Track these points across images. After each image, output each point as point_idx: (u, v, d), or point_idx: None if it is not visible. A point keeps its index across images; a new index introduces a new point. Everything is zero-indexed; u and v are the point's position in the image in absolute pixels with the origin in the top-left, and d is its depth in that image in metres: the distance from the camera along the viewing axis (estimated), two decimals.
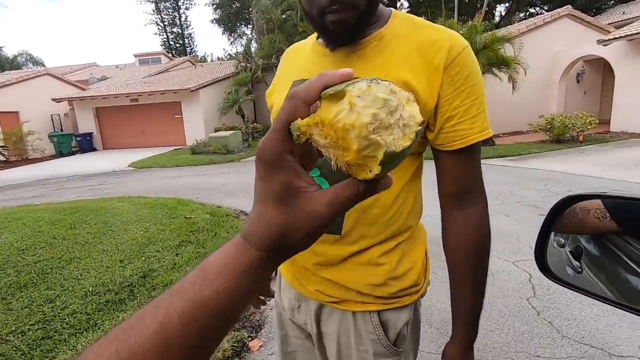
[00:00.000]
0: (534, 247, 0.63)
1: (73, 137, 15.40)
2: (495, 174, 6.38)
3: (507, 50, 8.92)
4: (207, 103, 14.95)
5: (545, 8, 20.24)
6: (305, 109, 0.26)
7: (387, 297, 0.73)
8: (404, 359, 0.78)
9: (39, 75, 16.30)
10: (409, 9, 22.54)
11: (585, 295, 0.59)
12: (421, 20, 0.70)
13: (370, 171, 0.24)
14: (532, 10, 23.10)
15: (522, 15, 23.41)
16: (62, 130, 16.21)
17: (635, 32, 9.18)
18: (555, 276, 0.60)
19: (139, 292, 2.61)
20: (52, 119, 16.19)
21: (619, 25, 12.20)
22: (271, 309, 2.53)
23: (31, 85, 15.42)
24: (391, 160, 0.24)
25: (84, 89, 17.35)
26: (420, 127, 0.25)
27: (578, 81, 12.25)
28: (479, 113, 0.65)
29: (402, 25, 0.68)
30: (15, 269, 2.80)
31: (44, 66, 32.33)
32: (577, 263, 0.68)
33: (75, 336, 2.11)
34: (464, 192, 0.69)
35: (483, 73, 8.62)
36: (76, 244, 3.36)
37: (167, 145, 14.78)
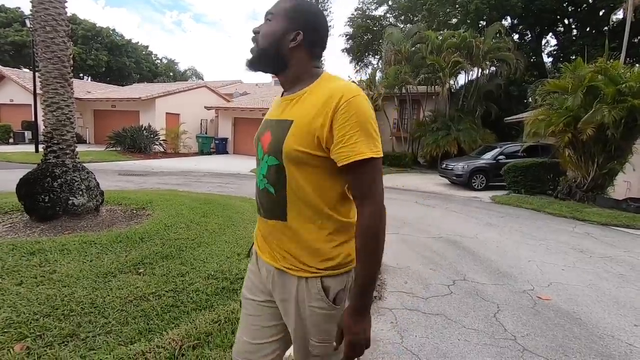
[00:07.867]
0: None
1: (213, 139, 18.38)
2: None
3: None
4: None
5: None
6: None
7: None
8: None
9: (199, 87, 20.05)
10: (556, 47, 20.18)
11: None
12: (335, 77, 1.03)
13: None
14: None
15: None
16: (206, 133, 19.42)
17: None
18: None
19: None
20: (200, 123, 19.57)
21: None
22: None
23: (192, 94, 18.91)
24: None
25: (228, 101, 20.44)
26: None
27: None
28: (358, 142, 0.91)
29: (321, 83, 1.02)
30: (162, 241, 3.35)
31: (203, 80, 39.87)
32: None
33: (195, 312, 2.38)
34: (356, 197, 0.98)
35: None
36: (206, 231, 3.86)
37: None
